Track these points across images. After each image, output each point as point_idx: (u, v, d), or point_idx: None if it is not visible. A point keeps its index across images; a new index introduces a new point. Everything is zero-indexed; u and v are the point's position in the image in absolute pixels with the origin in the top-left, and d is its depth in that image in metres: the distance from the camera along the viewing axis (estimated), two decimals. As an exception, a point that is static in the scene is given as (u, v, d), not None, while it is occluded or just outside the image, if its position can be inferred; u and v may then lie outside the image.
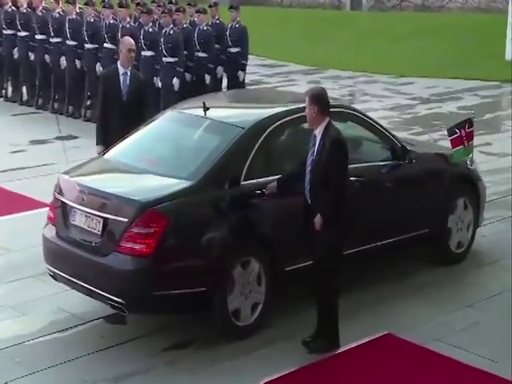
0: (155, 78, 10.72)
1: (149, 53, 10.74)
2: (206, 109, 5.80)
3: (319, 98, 5.11)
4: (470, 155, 6.57)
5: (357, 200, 5.42)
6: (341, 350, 5.15)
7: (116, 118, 6.72)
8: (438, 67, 15.77)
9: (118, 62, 6.95)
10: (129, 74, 6.87)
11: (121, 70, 6.88)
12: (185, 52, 10.75)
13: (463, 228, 6.59)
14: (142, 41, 10.71)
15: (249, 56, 11.74)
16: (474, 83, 14.32)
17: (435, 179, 6.43)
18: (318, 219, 5.02)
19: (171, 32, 10.68)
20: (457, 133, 6.60)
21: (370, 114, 6.47)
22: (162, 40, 10.68)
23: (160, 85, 10.77)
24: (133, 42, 7.09)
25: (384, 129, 6.26)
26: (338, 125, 6.13)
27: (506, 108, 12.66)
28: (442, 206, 6.38)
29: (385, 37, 18.56)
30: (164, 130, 6.04)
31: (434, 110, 12.48)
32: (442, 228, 6.40)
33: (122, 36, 10.86)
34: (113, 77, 6.89)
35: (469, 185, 6.65)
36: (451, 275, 6.31)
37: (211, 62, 11.03)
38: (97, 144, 6.82)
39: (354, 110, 6.30)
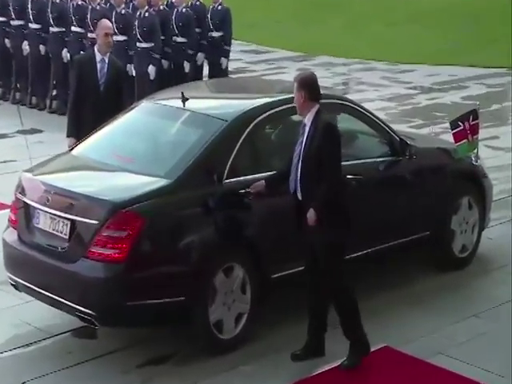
0: (129, 65, 10.71)
1: (121, 37, 10.72)
2: (184, 99, 5.80)
3: (308, 83, 5.13)
4: (475, 150, 6.61)
5: (352, 200, 5.44)
6: (334, 364, 5.16)
7: (91, 110, 6.69)
8: (439, 53, 15.86)
9: (95, 47, 6.92)
10: (107, 61, 6.83)
11: (98, 57, 6.83)
12: (162, 37, 10.75)
13: (468, 230, 6.63)
14: (114, 24, 10.64)
15: (232, 41, 11.77)
16: (479, 70, 14.42)
17: (437, 176, 6.46)
18: (311, 214, 5.00)
19: (146, 14, 10.67)
20: (460, 126, 6.64)
21: (365, 105, 6.50)
22: (136, 23, 10.68)
23: (134, 73, 10.77)
24: (110, 25, 7.06)
25: (381, 121, 6.29)
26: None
27: (514, 98, 12.77)
28: (444, 206, 6.42)
29: (381, 21, 18.65)
30: (138, 123, 6.03)
31: (436, 100, 12.56)
32: (444, 230, 6.43)
33: (92, 19, 10.87)
34: (88, 63, 6.85)
35: (474, 182, 6.69)
36: (454, 282, 6.35)
37: (191, 48, 11.04)
38: (67, 136, 6.79)
39: (348, 100, 6.33)
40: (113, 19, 10.65)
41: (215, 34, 11.35)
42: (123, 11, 10.89)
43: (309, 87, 5.12)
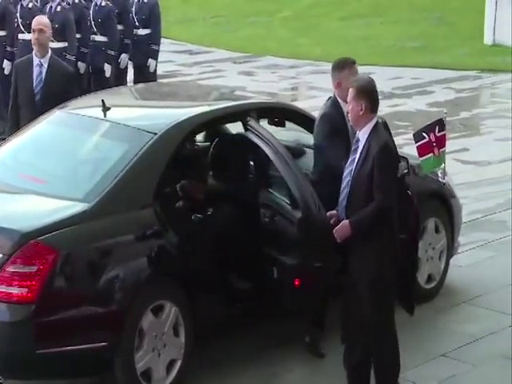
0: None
1: (28, 36, 10.63)
2: (105, 109, 5.80)
3: (369, 91, 5.11)
4: (442, 165, 6.74)
5: None
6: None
7: (27, 124, 6.51)
8: (402, 53, 16.16)
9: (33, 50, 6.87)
10: (45, 65, 6.76)
11: (35, 61, 6.77)
12: (77, 35, 10.70)
13: (434, 257, 6.76)
14: (20, 20, 10.58)
15: (162, 40, 11.79)
16: (446, 73, 14.71)
17: (399, 196, 6.57)
18: (344, 225, 5.03)
19: (58, 9, 10.59)
20: (425, 138, 6.76)
21: (316, 114, 6.59)
22: (46, 19, 10.62)
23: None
24: (42, 20, 6.98)
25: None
26: (274, 128, 6.25)
27: (486, 104, 12.98)
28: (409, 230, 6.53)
29: (334, 14, 18.94)
30: (50, 137, 6.02)
31: (398, 107, 12.78)
32: (409, 257, 6.54)
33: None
34: (25, 69, 6.79)
35: (441, 203, 6.84)
36: (420, 317, 6.43)
37: (112, 48, 11.01)
38: None
39: (296, 108, 6.42)
40: (17, 14, 10.56)
41: (141, 32, 11.36)
42: (30, 5, 10.75)
43: (370, 96, 5.11)
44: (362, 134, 5.13)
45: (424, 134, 6.77)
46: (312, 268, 5.43)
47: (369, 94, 5.10)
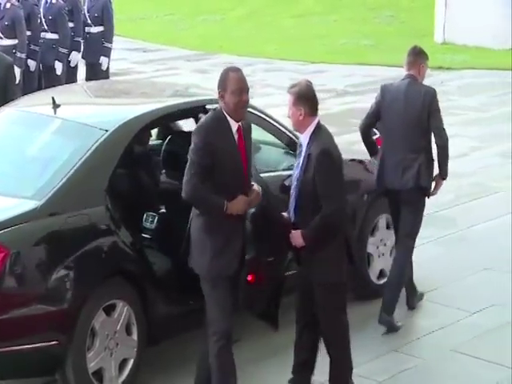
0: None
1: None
2: (56, 106, 5.76)
3: (309, 97, 5.14)
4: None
5: None
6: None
7: None
8: (355, 51, 16.30)
9: None
10: None
11: None
12: (27, 32, 10.60)
13: (386, 253, 6.82)
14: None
15: (115, 38, 11.75)
16: (398, 71, 14.77)
17: (351, 192, 6.62)
18: (296, 234, 5.08)
19: (7, 6, 10.47)
20: (376, 134, 6.84)
21: (270, 111, 6.63)
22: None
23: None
24: None
25: (288, 130, 6.40)
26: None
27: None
28: (359, 226, 6.59)
29: (288, 12, 19.02)
30: (-1, 134, 5.95)
31: (352, 104, 12.88)
32: (359, 253, 6.60)
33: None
34: None
35: (392, 198, 6.90)
36: (371, 313, 6.51)
37: (63, 46, 10.92)
38: None
39: (251, 106, 6.41)
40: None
41: (93, 30, 11.30)
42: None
43: (310, 101, 5.13)
44: (304, 138, 5.19)
45: (375, 131, 6.85)
46: (265, 263, 5.43)
47: (308, 100, 5.15)
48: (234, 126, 4.94)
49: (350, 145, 10.19)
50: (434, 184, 6.47)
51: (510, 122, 11.85)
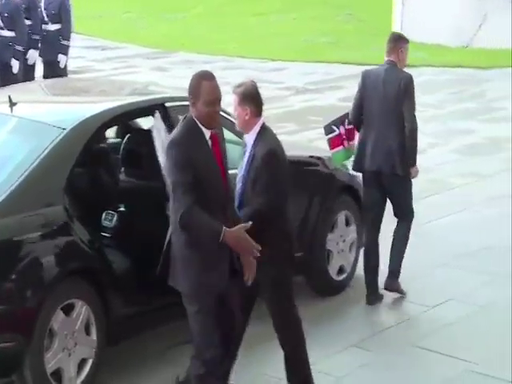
0: None
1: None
2: (12, 104, 5.71)
3: (254, 97, 5.12)
4: (352, 157, 6.86)
5: None
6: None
7: None
8: (314, 49, 16.37)
9: None
10: None
11: None
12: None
13: (345, 249, 6.87)
14: None
15: (73, 35, 11.67)
16: (357, 68, 14.88)
17: (310, 189, 6.67)
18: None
19: (-39, 3, 10.39)
20: (335, 131, 6.88)
21: (230, 110, 6.62)
22: None
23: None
24: None
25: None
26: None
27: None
28: (318, 223, 6.63)
29: (248, 10, 19.06)
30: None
31: (311, 102, 12.95)
32: (318, 250, 6.65)
33: None
34: None
35: (351, 195, 6.94)
36: (331, 308, 6.55)
37: (20, 44, 10.82)
38: None
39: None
40: None
41: (51, 27, 11.21)
42: None
43: (255, 101, 5.12)
44: (249, 138, 5.20)
45: (334, 127, 6.90)
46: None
47: (253, 99, 5.15)
48: (207, 133, 4.73)
49: (310, 142, 10.27)
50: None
51: (465, 119, 12.03)
